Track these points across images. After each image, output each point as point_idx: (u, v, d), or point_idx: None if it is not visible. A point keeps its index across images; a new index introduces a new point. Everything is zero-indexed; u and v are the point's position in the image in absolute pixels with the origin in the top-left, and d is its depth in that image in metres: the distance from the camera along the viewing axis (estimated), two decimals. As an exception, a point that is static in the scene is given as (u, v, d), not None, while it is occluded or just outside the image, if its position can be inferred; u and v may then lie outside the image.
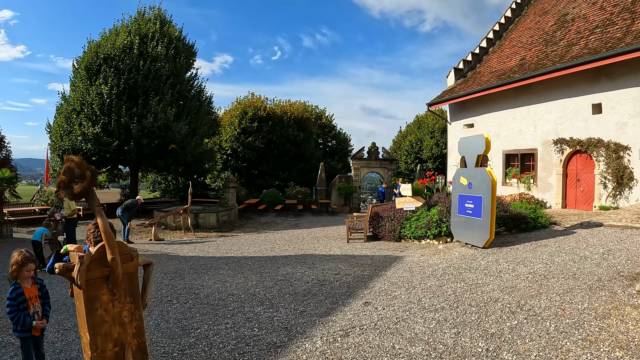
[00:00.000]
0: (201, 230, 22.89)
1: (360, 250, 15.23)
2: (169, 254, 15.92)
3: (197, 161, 27.72)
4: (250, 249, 16.72)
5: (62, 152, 24.92)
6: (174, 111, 24.19)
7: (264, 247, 17.11)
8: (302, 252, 15.50)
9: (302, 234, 20.91)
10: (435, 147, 39.55)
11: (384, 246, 15.66)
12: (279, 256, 14.73)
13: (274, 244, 17.70)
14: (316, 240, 18.59)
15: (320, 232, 21.17)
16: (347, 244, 17.00)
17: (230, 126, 36.16)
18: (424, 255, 13.07)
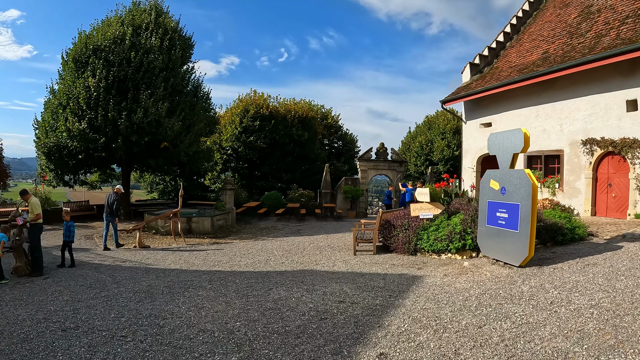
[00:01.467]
0: (194, 236, 20.56)
1: (369, 265, 12.85)
2: (148, 266, 13.62)
3: (192, 161, 25.38)
4: (242, 260, 14.37)
5: (47, 149, 22.68)
6: (167, 106, 21.96)
7: (258, 258, 14.74)
8: (301, 266, 13.14)
9: (303, 242, 18.53)
10: (447, 148, 37.11)
11: (397, 261, 13.27)
12: (274, 272, 12.36)
13: (270, 255, 15.34)
14: (319, 250, 16.22)
15: (324, 241, 18.78)
16: (354, 256, 14.64)
17: (230, 125, 33.89)
18: (447, 276, 10.65)
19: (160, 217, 19.71)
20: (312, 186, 32.33)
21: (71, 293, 10.19)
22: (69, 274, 12.54)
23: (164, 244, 18.51)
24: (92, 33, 23.13)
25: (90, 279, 11.70)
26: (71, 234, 14.27)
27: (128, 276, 12.05)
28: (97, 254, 15.90)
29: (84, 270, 13.10)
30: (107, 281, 11.40)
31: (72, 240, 14.26)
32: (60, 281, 11.58)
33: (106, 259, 15.09)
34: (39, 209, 13.10)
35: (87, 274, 12.42)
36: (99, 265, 13.87)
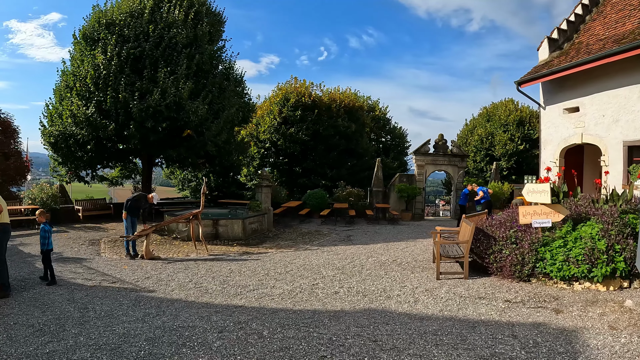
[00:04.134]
0: (221, 242, 16.25)
1: (471, 302, 8.42)
2: (143, 292, 9.35)
3: (222, 153, 20.91)
4: (277, 285, 9.92)
5: (53, 138, 18.74)
6: (190, 86, 17.71)
7: (300, 282, 10.27)
8: (366, 301, 8.70)
9: (358, 254, 13.99)
10: (510, 142, 32.02)
11: (509, 292, 8.84)
12: (324, 313, 7.91)
13: (316, 276, 10.87)
14: (383, 269, 11.70)
15: (385, 253, 14.22)
16: (438, 281, 10.16)
17: (269, 115, 29.32)
18: (616, 329, 6.22)
19: (177, 219, 15.40)
20: (360, 184, 27.74)
21: (5, 339, 6.57)
22: (31, 299, 8.84)
23: (182, 253, 14.23)
24: (108, 9, 19.11)
25: (50, 314, 7.91)
26: (47, 241, 10.44)
27: (105, 311, 7.95)
28: (89, 268, 11.67)
29: (54, 295, 9.11)
30: (70, 319, 7.55)
31: (50, 247, 10.49)
32: (10, 313, 7.93)
33: (95, 275, 10.88)
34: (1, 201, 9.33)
35: (54, 303, 8.56)
36: (78, 287, 9.71)
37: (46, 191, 19.46)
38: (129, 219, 13.66)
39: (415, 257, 13.27)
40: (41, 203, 18.80)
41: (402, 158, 36.73)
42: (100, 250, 14.34)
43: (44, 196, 19.12)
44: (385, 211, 24.46)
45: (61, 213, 20.04)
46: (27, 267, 11.78)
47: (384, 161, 30.60)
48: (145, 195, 14.29)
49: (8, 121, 23.26)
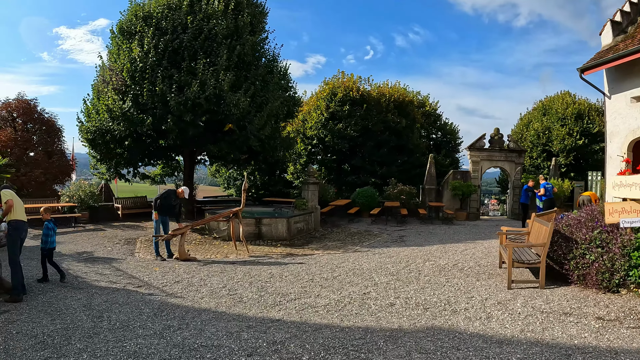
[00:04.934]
0: (264, 243, 15.03)
1: (555, 318, 6.95)
2: (169, 299, 8.16)
3: (266, 148, 19.76)
4: (322, 294, 8.54)
5: (90, 134, 17.93)
6: (231, 78, 16.57)
7: (348, 290, 8.87)
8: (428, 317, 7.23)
9: (414, 257, 12.50)
10: (568, 137, 29.74)
11: (597, 307, 7.35)
12: (378, 331, 6.52)
13: (367, 284, 9.43)
14: (443, 275, 10.21)
15: (444, 256, 12.70)
16: (510, 291, 8.62)
17: (316, 111, 27.93)
18: None
19: (215, 217, 14.23)
20: (411, 182, 26.12)
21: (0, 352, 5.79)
22: (44, 304, 7.88)
23: (220, 254, 13.06)
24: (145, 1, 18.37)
25: (60, 322, 6.90)
26: (50, 239, 9.78)
27: (120, 321, 6.85)
28: (117, 269, 10.59)
29: (70, 299, 8.09)
30: (79, 330, 6.53)
31: (52, 247, 9.83)
32: (17, 320, 7.00)
33: (121, 277, 9.79)
34: (9, 196, 8.53)
35: (67, 309, 7.60)
36: (99, 291, 8.65)
37: (84, 189, 18.65)
38: (160, 218, 12.51)
39: (477, 261, 11.71)
40: (79, 201, 18.05)
41: (453, 155, 34.80)
42: (135, 250, 13.35)
43: (81, 194, 18.37)
44: (439, 210, 22.81)
45: (100, 211, 19.34)
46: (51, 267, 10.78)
47: (436, 158, 28.84)
48: (174, 191, 13.05)
49: (52, 121, 23.01)
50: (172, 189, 13.19)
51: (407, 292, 8.67)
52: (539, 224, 9.80)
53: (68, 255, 12.39)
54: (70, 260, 11.69)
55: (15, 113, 22.14)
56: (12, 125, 21.87)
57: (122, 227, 17.93)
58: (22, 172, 20.45)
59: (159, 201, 12.49)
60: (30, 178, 20.51)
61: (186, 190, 12.91)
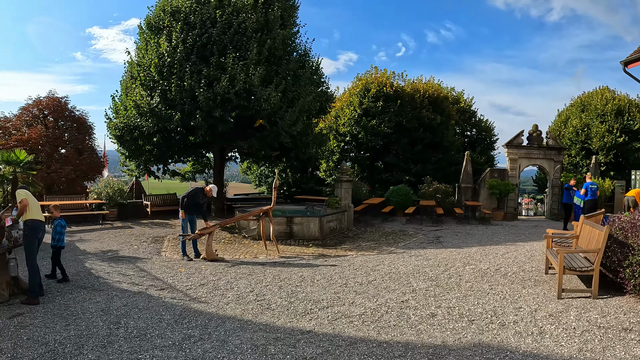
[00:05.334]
0: (295, 243, 14.38)
1: (618, 340, 6.19)
2: (191, 302, 7.67)
3: (298, 145, 19.15)
4: (356, 302, 7.88)
5: (118, 130, 17.62)
6: (261, 72, 16.01)
7: (385, 297, 8.19)
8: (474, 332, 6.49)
9: (452, 261, 11.72)
10: (608, 134, 28.40)
11: None
12: (419, 348, 5.86)
13: (405, 289, 8.73)
14: (486, 282, 9.44)
15: (484, 259, 11.92)
16: (560, 301, 7.88)
17: (349, 107, 27.12)
18: None
19: (245, 216, 13.68)
20: (445, 180, 25.24)
21: None
22: (61, 307, 7.47)
23: (250, 254, 12.46)
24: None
25: (74, 328, 6.46)
26: (61, 237, 9.51)
27: (138, 328, 6.37)
28: (141, 270, 10.09)
29: (88, 302, 7.64)
30: (93, 338, 6.07)
31: (62, 245, 9.53)
32: (29, 324, 6.61)
33: (144, 279, 9.29)
34: (24, 196, 8.12)
35: (84, 313, 7.17)
36: (119, 294, 8.16)
37: (112, 186, 18.27)
38: (187, 217, 11.97)
39: (521, 266, 10.89)
40: (107, 198, 17.68)
41: (489, 153, 33.62)
42: (162, 249, 12.83)
43: (109, 191, 17.99)
44: (475, 209, 21.90)
45: (129, 208, 19.00)
46: (75, 266, 10.37)
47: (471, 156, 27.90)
48: (202, 189, 12.45)
49: (83, 118, 22.97)
50: (199, 187, 12.58)
51: (448, 300, 7.95)
52: (590, 227, 8.97)
53: (92, 253, 11.96)
54: (94, 259, 11.26)
55: (46, 111, 22.11)
56: (43, 123, 21.81)
57: (151, 224, 17.52)
58: (53, 169, 20.33)
59: (186, 200, 11.92)
60: (61, 175, 20.36)
61: (214, 188, 12.30)
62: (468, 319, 6.93)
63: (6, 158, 13.03)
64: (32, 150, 20.94)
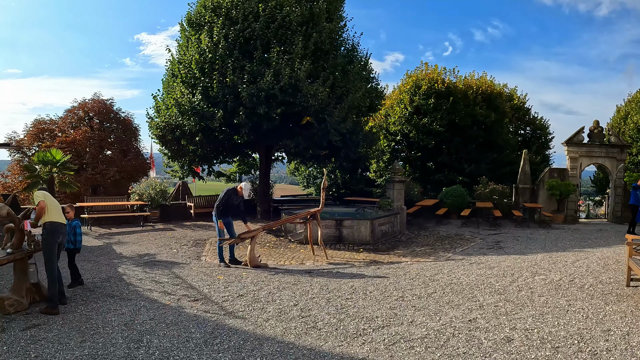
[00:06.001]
0: (345, 247, 13.26)
1: None
2: (226, 317, 6.67)
3: (347, 144, 18.03)
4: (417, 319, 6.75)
5: (160, 130, 16.97)
6: (307, 67, 14.97)
7: (450, 315, 6.98)
8: None
9: (518, 269, 10.36)
10: (672, 131, 26.28)
11: None
12: None
13: (471, 305, 7.49)
14: (561, 295, 8.13)
15: (554, 269, 10.48)
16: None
17: (399, 105, 25.72)
18: None
19: (291, 218, 12.59)
20: (500, 180, 23.59)
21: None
22: (81, 319, 6.61)
23: (296, 259, 11.43)
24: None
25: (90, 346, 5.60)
26: (76, 239, 8.71)
27: (162, 349, 5.44)
28: (176, 277, 9.18)
29: (111, 314, 6.73)
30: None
31: (78, 247, 8.78)
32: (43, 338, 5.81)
33: (178, 287, 8.34)
34: (41, 198, 7.32)
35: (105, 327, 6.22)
36: (148, 305, 7.23)
37: (154, 187, 17.55)
38: (223, 220, 10.89)
39: (596, 277, 9.48)
40: (149, 199, 16.96)
41: (544, 152, 31.68)
42: (202, 253, 11.94)
43: (151, 192, 17.29)
44: (533, 212, 20.28)
45: (172, 210, 18.25)
46: (108, 271, 9.54)
47: (527, 155, 26.24)
48: (234, 189, 11.25)
49: (128, 120, 22.70)
50: (230, 187, 11.37)
51: (523, 320, 6.68)
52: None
53: (128, 257, 11.15)
54: (128, 263, 10.44)
55: (92, 113, 21.83)
56: (88, 125, 21.48)
57: (193, 227, 16.66)
58: (98, 171, 19.92)
59: (221, 207, 10.85)
60: (106, 176, 19.94)
61: (246, 187, 11.16)
62: (551, 345, 5.68)
63: (42, 158, 12.40)
64: (78, 152, 20.68)
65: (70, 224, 8.34)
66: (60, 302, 7.12)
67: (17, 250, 7.16)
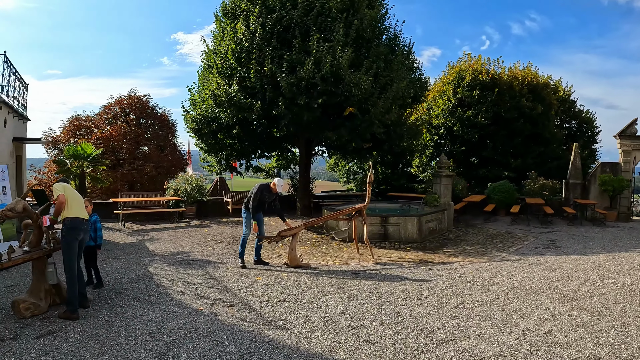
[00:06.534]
0: (391, 246, 12.20)
1: None
2: (265, 327, 5.78)
3: (391, 136, 16.99)
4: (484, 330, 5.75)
5: (195, 123, 16.19)
6: (349, 55, 13.99)
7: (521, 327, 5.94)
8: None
9: (584, 272, 9.18)
10: None
11: None
12: None
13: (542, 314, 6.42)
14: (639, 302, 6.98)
15: (621, 271, 9.27)
16: None
17: (442, 97, 24.56)
18: None
19: (335, 215, 11.62)
20: (547, 175, 22.09)
21: None
22: (101, 326, 5.81)
23: (339, 259, 10.47)
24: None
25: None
26: (97, 234, 7.76)
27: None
28: (211, 277, 8.36)
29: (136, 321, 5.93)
30: None
31: (99, 244, 7.82)
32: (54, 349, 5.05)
33: (213, 290, 7.48)
34: (60, 191, 6.48)
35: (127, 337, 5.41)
36: (177, 311, 6.39)
37: (191, 182, 16.74)
38: (256, 216, 9.67)
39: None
40: (185, 194, 16.17)
41: (591, 146, 29.94)
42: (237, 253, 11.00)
43: (187, 187, 16.47)
44: (585, 208, 18.83)
45: (209, 206, 17.48)
46: (138, 270, 8.79)
47: (573, 149, 24.77)
48: (266, 185, 10.00)
49: (165, 116, 22.28)
50: (263, 183, 10.06)
51: (605, 332, 5.64)
52: None
53: (161, 255, 10.38)
54: (160, 262, 9.66)
55: (128, 109, 21.39)
56: (124, 121, 21.04)
57: (231, 223, 15.80)
58: (134, 166, 19.40)
59: (255, 203, 9.60)
60: (142, 172, 19.38)
61: (279, 183, 9.98)
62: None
63: (72, 152, 11.71)
64: (114, 148, 20.24)
65: (89, 219, 7.57)
66: (81, 306, 6.36)
67: (35, 249, 6.41)
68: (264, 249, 10.52)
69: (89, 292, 6.99)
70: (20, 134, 15.40)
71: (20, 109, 15.48)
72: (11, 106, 13.72)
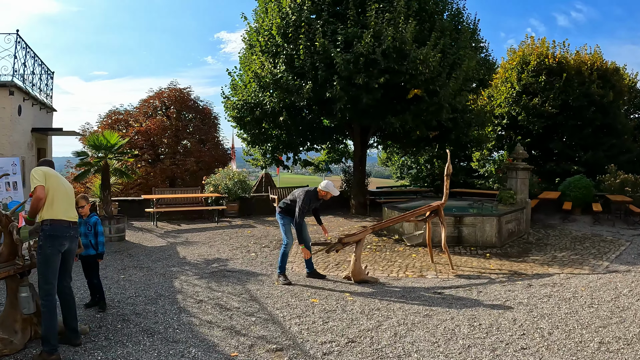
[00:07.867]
0: (466, 251, 9.92)
1: None
2: None
3: (457, 124, 14.51)
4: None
5: (236, 111, 14.08)
6: (414, 28, 11.58)
7: None
8: None
9: None
10: None
11: None
12: None
13: None
14: None
15: None
16: None
17: (504, 84, 21.66)
18: None
19: (406, 216, 9.25)
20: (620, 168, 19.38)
21: None
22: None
23: (411, 269, 8.19)
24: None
25: None
26: (98, 241, 5.76)
27: None
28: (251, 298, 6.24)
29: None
30: None
31: (100, 252, 5.79)
32: None
33: (253, 320, 5.30)
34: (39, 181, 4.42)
35: None
36: (200, 354, 4.15)
37: (232, 177, 14.63)
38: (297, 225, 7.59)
39: None
40: (225, 191, 14.10)
41: (655, 139, 26.84)
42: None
43: (229, 183, 14.34)
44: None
45: (252, 203, 15.24)
46: (158, 286, 6.74)
47: (638, 142, 21.77)
48: (313, 191, 7.75)
49: (207, 109, 20.76)
50: (309, 190, 7.78)
51: None
52: None
53: (192, 264, 8.30)
54: (190, 273, 7.59)
55: (168, 102, 19.78)
56: (165, 114, 19.38)
57: (277, 223, 13.56)
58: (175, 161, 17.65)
59: (302, 216, 7.56)
60: (183, 167, 17.62)
61: (330, 186, 7.64)
62: None
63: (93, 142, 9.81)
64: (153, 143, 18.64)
65: (88, 221, 5.58)
66: (70, 343, 4.36)
67: (5, 264, 4.43)
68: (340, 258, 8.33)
69: (91, 317, 5.01)
70: (43, 125, 13.61)
71: (42, 97, 13.67)
72: (27, 92, 11.90)
